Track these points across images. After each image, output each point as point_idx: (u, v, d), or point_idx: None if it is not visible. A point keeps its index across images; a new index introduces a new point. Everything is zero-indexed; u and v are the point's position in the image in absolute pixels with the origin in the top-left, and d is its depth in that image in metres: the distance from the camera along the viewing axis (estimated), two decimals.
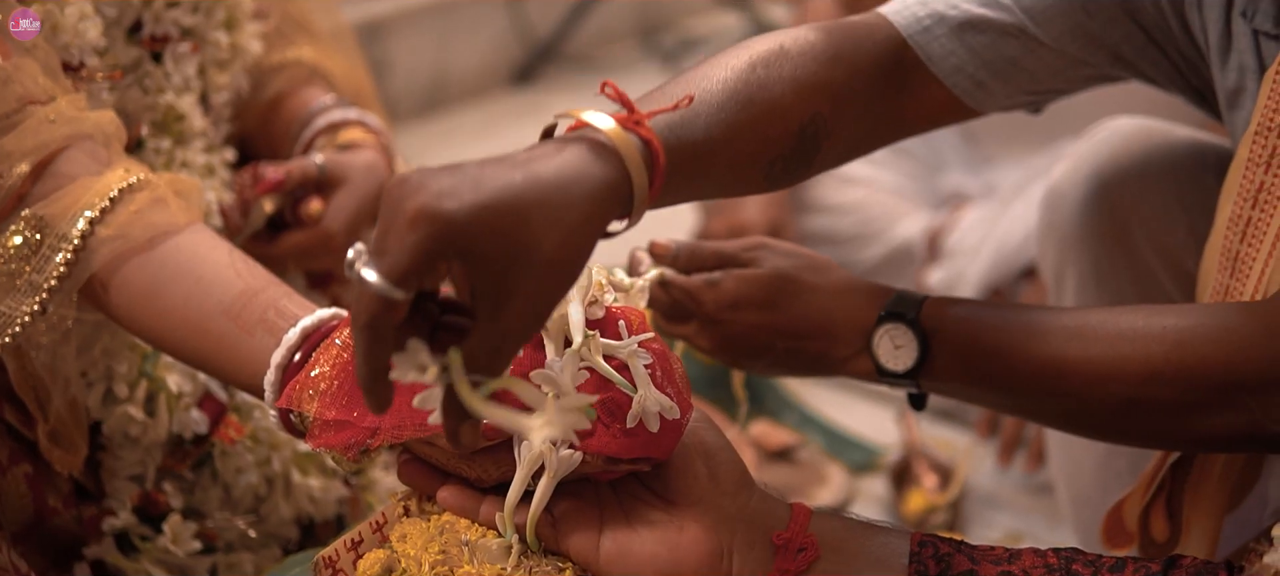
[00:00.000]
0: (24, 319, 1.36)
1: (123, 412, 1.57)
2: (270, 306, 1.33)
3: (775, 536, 1.17)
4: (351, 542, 1.24)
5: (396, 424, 1.21)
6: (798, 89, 1.34)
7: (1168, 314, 1.31)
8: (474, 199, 1.02)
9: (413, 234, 1.01)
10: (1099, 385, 1.32)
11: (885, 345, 1.44)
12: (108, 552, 1.59)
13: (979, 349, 1.40)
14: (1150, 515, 1.45)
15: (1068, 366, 1.33)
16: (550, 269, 1.06)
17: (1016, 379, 1.37)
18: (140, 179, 1.40)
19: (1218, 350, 1.27)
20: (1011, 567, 1.14)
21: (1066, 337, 1.34)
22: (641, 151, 1.14)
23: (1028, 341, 1.36)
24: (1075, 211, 1.67)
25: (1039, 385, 1.35)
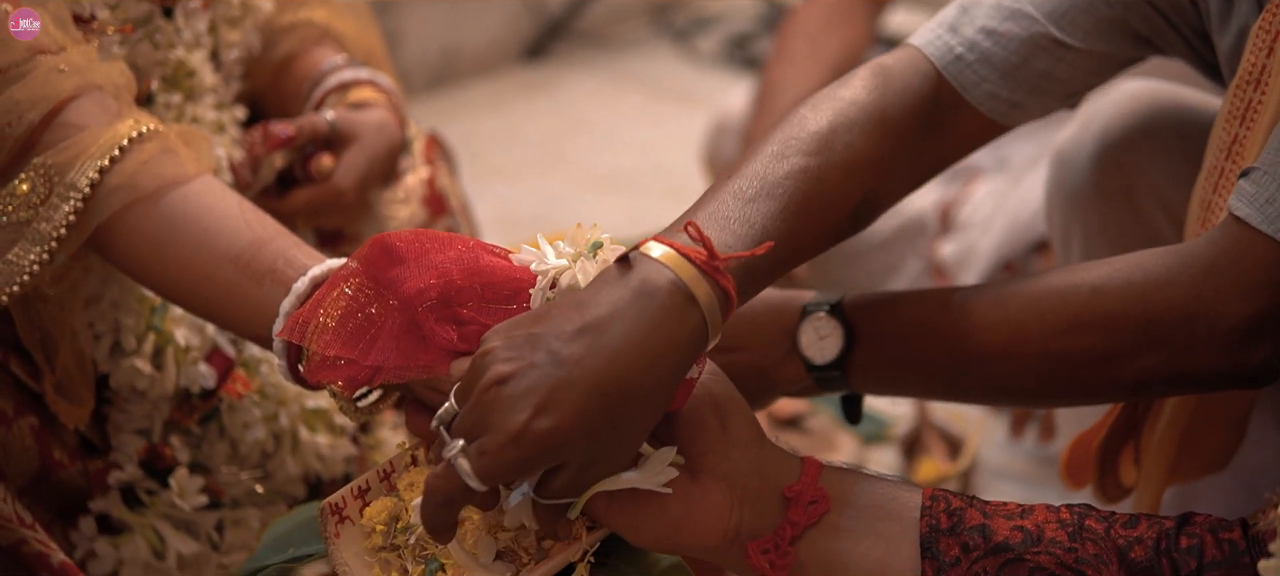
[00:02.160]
0: (32, 268, 1.36)
1: (130, 366, 1.56)
2: (279, 256, 1.33)
3: (786, 489, 1.16)
4: (358, 490, 1.23)
5: (400, 364, 1.20)
6: (850, 173, 1.33)
7: (1089, 268, 1.32)
8: (575, 409, 1.06)
9: (515, 451, 1.05)
10: (1021, 343, 1.31)
11: (809, 336, 1.42)
12: (113, 506, 1.59)
13: (902, 328, 1.39)
14: (1120, 459, 1.45)
15: (989, 328, 1.33)
16: (639, 431, 1.13)
17: (941, 351, 1.36)
18: (150, 129, 1.40)
19: (1132, 292, 1.27)
20: (1024, 522, 1.13)
21: (988, 303, 1.34)
22: (722, 302, 1.14)
23: (948, 312, 1.36)
24: (1083, 172, 1.67)
25: (963, 353, 1.35)
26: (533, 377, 1.06)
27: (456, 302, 1.19)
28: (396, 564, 1.20)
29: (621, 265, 1.13)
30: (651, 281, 1.11)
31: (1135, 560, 1.10)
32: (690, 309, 1.12)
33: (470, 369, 1.09)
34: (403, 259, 1.22)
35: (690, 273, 1.12)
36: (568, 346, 1.07)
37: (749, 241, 1.21)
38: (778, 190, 1.26)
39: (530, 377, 1.06)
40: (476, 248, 1.23)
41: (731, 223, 1.22)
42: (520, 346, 1.08)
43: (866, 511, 1.16)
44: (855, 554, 1.15)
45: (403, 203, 1.85)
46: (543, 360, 1.07)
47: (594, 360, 1.07)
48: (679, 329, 1.11)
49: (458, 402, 1.10)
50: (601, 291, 1.11)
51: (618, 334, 1.09)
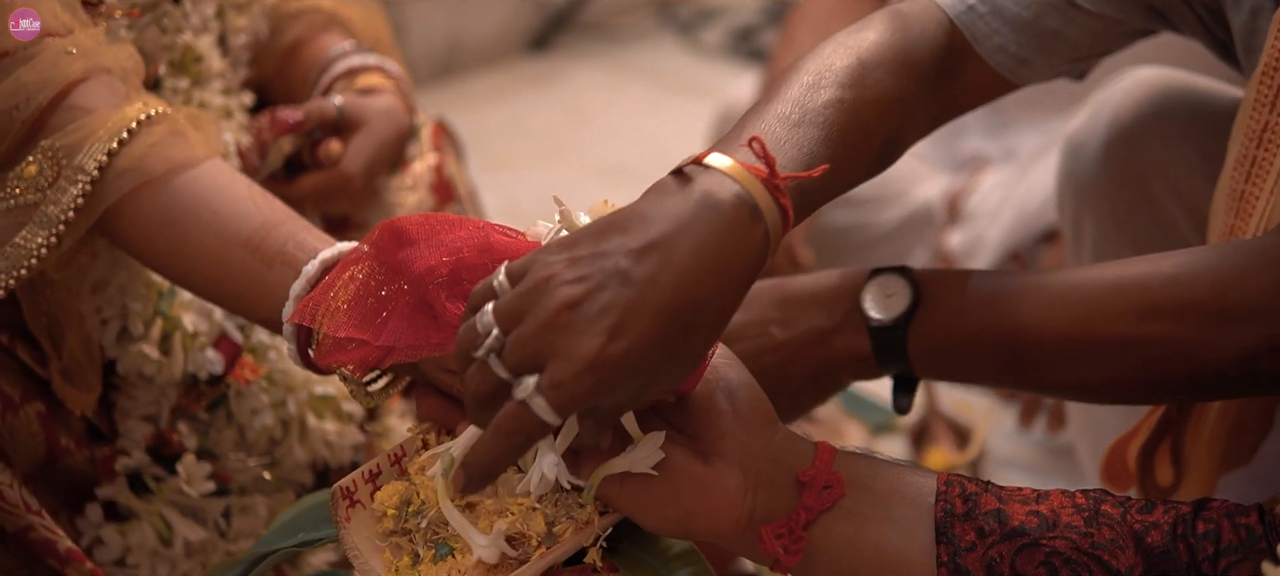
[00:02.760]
0: (39, 252, 1.35)
1: (137, 351, 1.55)
2: (289, 239, 1.32)
3: (800, 473, 1.15)
4: (370, 474, 1.23)
5: (413, 343, 1.19)
6: (878, 110, 1.33)
7: (1164, 258, 1.30)
8: (649, 331, 1.04)
9: (593, 378, 1.02)
10: (1097, 322, 1.29)
11: (875, 293, 1.40)
12: (120, 493, 1.58)
13: (970, 298, 1.36)
14: (1155, 459, 1.44)
15: (1062, 306, 1.31)
16: (706, 345, 1.11)
17: (1009, 328, 1.34)
18: (158, 112, 1.39)
19: (1210, 283, 1.25)
20: (1040, 507, 1.12)
21: (1061, 283, 1.33)
22: (782, 221, 1.13)
23: (1019, 289, 1.34)
24: (1094, 160, 1.66)
25: (1032, 333, 1.32)
26: (604, 299, 1.03)
27: (468, 280, 1.18)
28: (408, 548, 1.19)
29: (679, 177, 1.11)
30: (715, 194, 1.09)
31: (1151, 545, 1.09)
32: (756, 223, 1.10)
33: (526, 291, 1.06)
34: (413, 240, 1.22)
35: (755, 187, 1.10)
36: (637, 266, 1.04)
37: (800, 165, 1.20)
38: (819, 118, 1.26)
39: (601, 300, 1.03)
40: (486, 227, 1.22)
41: (783, 145, 1.20)
42: (586, 266, 1.05)
43: (881, 496, 1.15)
44: (870, 538, 1.14)
45: (410, 189, 1.84)
46: (612, 281, 1.04)
47: (665, 278, 1.04)
48: (746, 244, 1.09)
49: (506, 325, 1.06)
50: (663, 204, 1.09)
51: (686, 250, 1.06)
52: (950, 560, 1.11)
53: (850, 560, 1.15)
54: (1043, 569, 1.10)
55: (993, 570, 1.11)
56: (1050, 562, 1.10)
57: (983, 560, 1.11)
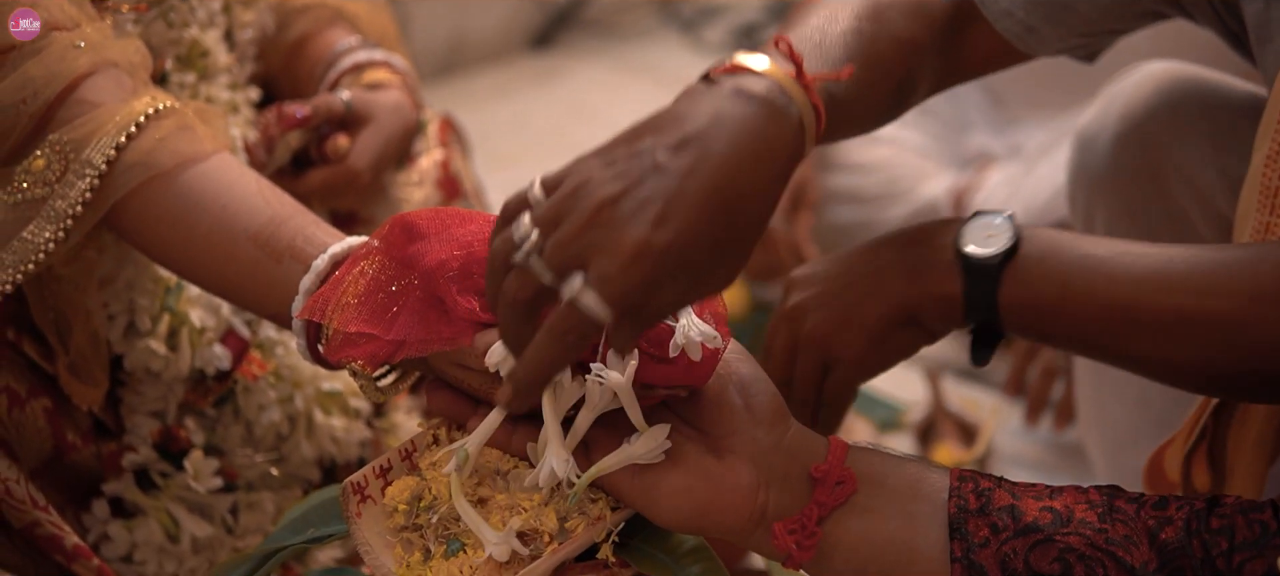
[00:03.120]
0: (47, 247, 1.34)
1: (144, 347, 1.55)
2: (298, 234, 1.32)
3: (813, 469, 1.15)
4: (380, 469, 1.22)
5: (423, 337, 1.19)
6: (895, 46, 1.36)
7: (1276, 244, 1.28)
8: (693, 219, 1.03)
9: (639, 269, 1.01)
10: (1203, 301, 1.26)
11: (976, 231, 1.34)
12: (127, 489, 1.58)
13: (1072, 252, 1.32)
14: (1191, 463, 1.43)
15: (1169, 276, 1.27)
16: (750, 243, 1.09)
17: (1114, 288, 1.29)
18: (166, 106, 1.39)
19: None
20: (1053, 503, 1.12)
21: (1168, 254, 1.29)
22: (813, 115, 1.13)
23: (1127, 251, 1.31)
24: (1106, 151, 1.65)
25: (1140, 289, 1.28)
26: (644, 192, 1.02)
27: (479, 274, 1.17)
28: (419, 543, 1.18)
29: (707, 81, 1.11)
30: (748, 88, 1.09)
31: (1166, 541, 1.09)
32: (789, 112, 1.09)
33: (564, 195, 1.05)
34: (423, 234, 1.21)
35: (787, 81, 1.10)
36: (674, 159, 1.04)
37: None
38: (840, 43, 1.28)
39: (642, 193, 1.02)
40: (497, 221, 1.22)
41: (808, 57, 1.20)
42: (623, 165, 1.04)
43: (894, 492, 1.15)
44: (883, 534, 1.14)
45: (417, 185, 1.84)
46: (651, 175, 1.03)
47: (704, 169, 1.04)
48: (781, 133, 1.09)
49: (546, 229, 1.05)
50: (695, 103, 1.08)
51: (723, 141, 1.05)
52: (964, 556, 1.11)
53: (863, 556, 1.14)
54: (1057, 565, 1.10)
55: (1006, 566, 1.10)
56: (1064, 559, 1.10)
57: (996, 556, 1.10)
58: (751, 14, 4.69)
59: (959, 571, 1.11)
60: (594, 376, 1.13)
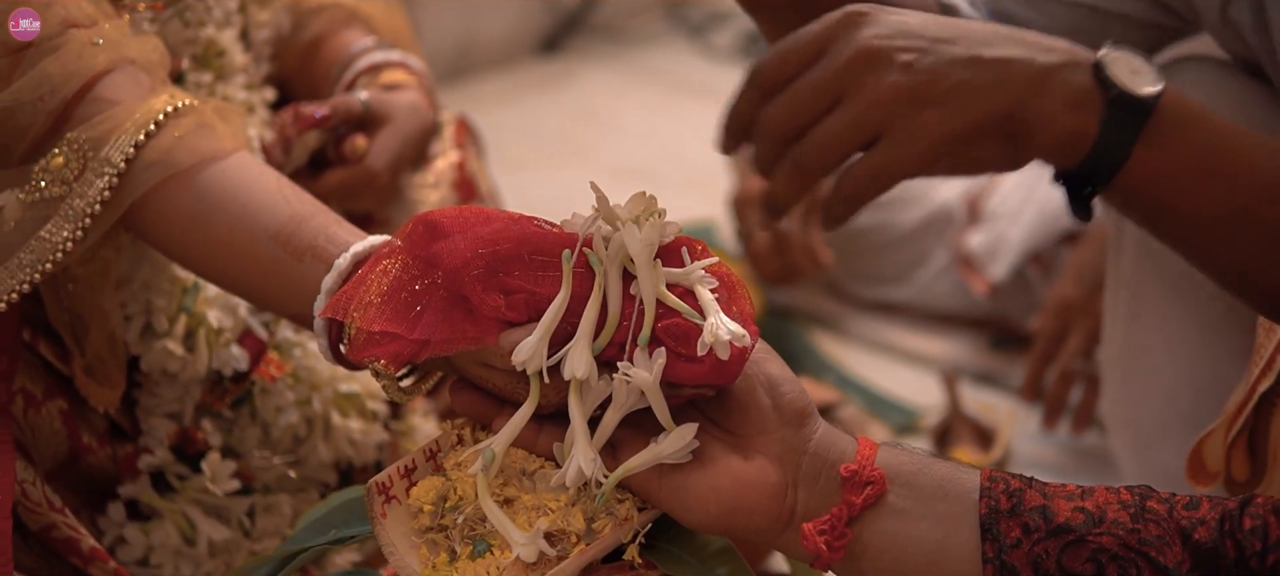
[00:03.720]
0: (65, 246, 1.34)
1: (161, 348, 1.54)
2: (320, 232, 1.31)
3: (842, 468, 1.14)
4: (405, 469, 1.21)
5: (448, 337, 1.17)
6: None
7: None
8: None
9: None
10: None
11: (1121, 65, 1.17)
12: (143, 492, 1.57)
13: (1219, 122, 1.21)
14: (1231, 453, 1.41)
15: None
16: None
17: (1263, 166, 1.19)
18: (185, 104, 1.38)
19: None
20: (1085, 503, 1.11)
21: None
22: None
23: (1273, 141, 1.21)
24: None
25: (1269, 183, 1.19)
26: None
27: (504, 271, 1.16)
28: (444, 544, 1.17)
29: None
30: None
31: (1199, 541, 1.08)
32: None
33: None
34: (447, 233, 1.20)
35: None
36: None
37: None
38: None
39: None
40: (521, 219, 1.21)
41: None
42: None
43: (924, 492, 1.14)
44: (913, 535, 1.13)
45: (433, 187, 1.83)
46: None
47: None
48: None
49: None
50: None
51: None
52: (996, 557, 1.10)
53: (893, 557, 1.13)
54: (1089, 565, 1.09)
55: (1039, 567, 1.09)
56: (1097, 559, 1.08)
57: (1028, 557, 1.09)
58: None
59: (991, 572, 1.10)
60: (621, 375, 1.12)
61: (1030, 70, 1.16)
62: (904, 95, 1.14)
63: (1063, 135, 1.17)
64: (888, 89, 1.14)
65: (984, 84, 1.15)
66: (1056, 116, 1.16)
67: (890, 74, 1.14)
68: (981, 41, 1.17)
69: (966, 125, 1.15)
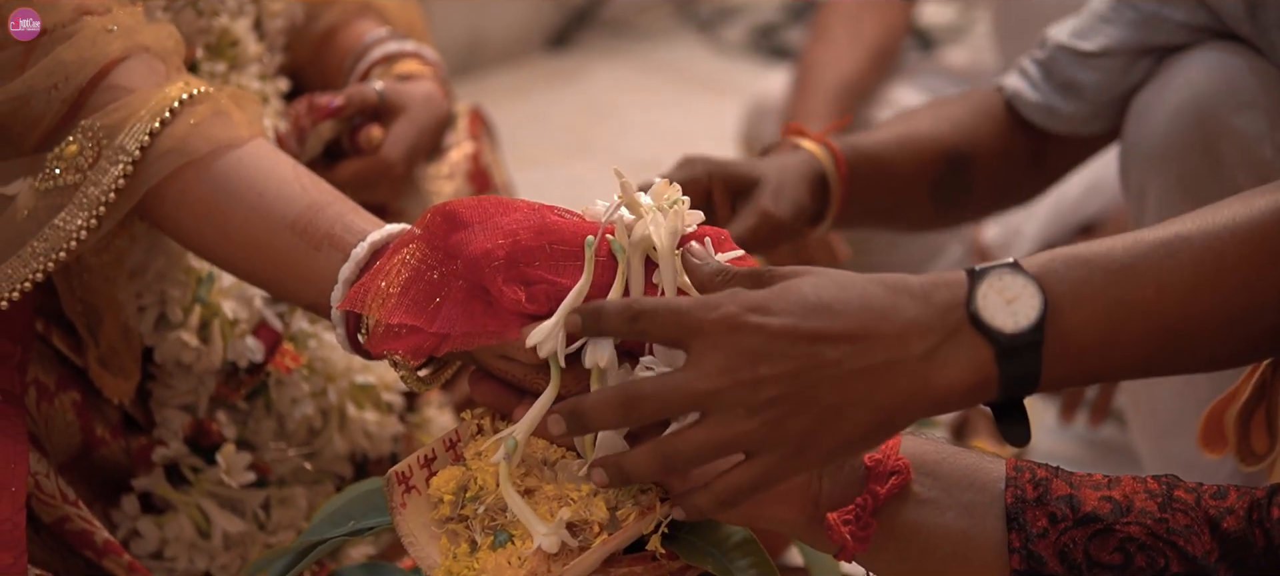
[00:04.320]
0: (79, 234, 1.32)
1: (176, 339, 1.53)
2: (337, 221, 1.29)
3: (867, 458, 1.12)
4: (425, 459, 1.20)
5: (469, 330, 1.16)
6: (936, 122, 1.66)
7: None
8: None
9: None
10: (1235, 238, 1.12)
11: (993, 302, 1.07)
12: (157, 484, 1.56)
13: (1111, 266, 1.10)
14: (1251, 425, 1.39)
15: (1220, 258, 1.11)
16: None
17: (1162, 299, 1.10)
18: (201, 91, 1.36)
19: None
20: (1112, 492, 1.10)
21: (1205, 232, 1.13)
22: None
23: (1165, 237, 1.12)
24: (1162, 125, 1.64)
25: (1197, 274, 1.10)
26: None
27: (524, 263, 1.15)
28: (465, 535, 1.16)
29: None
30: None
31: (1227, 530, 1.07)
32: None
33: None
34: (466, 223, 1.19)
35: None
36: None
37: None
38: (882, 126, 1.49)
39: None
40: (542, 209, 1.20)
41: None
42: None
43: (950, 482, 1.13)
44: (939, 524, 1.12)
45: (448, 178, 1.82)
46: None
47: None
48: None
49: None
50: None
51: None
52: (1022, 546, 1.09)
53: (919, 546, 1.12)
54: (1117, 554, 1.08)
55: (1066, 557, 1.08)
56: (1125, 548, 1.07)
57: (1055, 546, 1.08)
58: (769, 14, 4.67)
59: (1018, 562, 1.09)
60: (644, 366, 1.11)
61: (904, 375, 1.07)
62: (773, 431, 1.06)
63: (966, 396, 1.09)
64: (753, 427, 1.06)
65: (856, 401, 1.07)
66: (950, 394, 1.08)
67: (756, 413, 1.05)
68: (854, 344, 1.06)
69: (843, 444, 1.08)
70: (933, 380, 1.07)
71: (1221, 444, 1.41)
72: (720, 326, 1.06)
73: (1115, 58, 1.67)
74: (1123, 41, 1.67)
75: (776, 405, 1.05)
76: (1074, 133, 1.71)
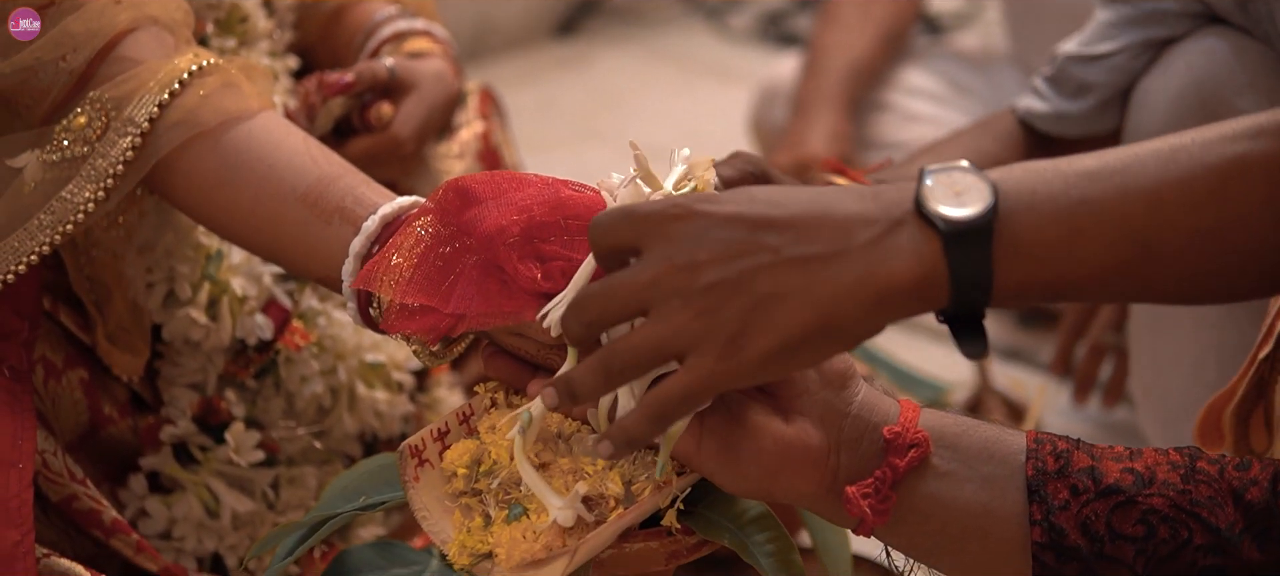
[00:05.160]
0: (87, 206, 1.31)
1: (185, 316, 1.52)
2: (348, 194, 1.28)
3: (886, 430, 1.11)
4: (438, 432, 1.18)
5: (484, 310, 1.15)
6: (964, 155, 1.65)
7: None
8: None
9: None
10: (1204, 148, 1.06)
11: (940, 192, 1.02)
12: (165, 463, 1.55)
13: (1071, 172, 1.05)
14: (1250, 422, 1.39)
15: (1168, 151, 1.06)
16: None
17: (1115, 190, 1.04)
18: (210, 63, 1.35)
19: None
20: (1134, 464, 1.08)
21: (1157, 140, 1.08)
22: None
23: (1131, 148, 1.08)
24: (1165, 109, 1.64)
25: (1163, 178, 1.04)
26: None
27: (539, 239, 1.13)
28: (479, 509, 1.15)
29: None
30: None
31: (1251, 502, 1.05)
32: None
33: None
34: (479, 199, 1.17)
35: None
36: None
37: None
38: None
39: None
40: (556, 183, 1.18)
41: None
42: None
43: (970, 454, 1.11)
44: (959, 497, 1.10)
45: (457, 157, 1.81)
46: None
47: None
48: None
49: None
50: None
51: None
52: (1044, 519, 1.07)
53: (939, 520, 1.11)
54: (1140, 526, 1.06)
55: (1088, 529, 1.06)
56: (1147, 520, 1.06)
57: (1077, 519, 1.07)
58: (777, 1, 4.66)
59: (1039, 534, 1.07)
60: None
61: (846, 265, 1.02)
62: (707, 322, 1.02)
63: (913, 293, 1.03)
64: (688, 319, 1.02)
65: (793, 292, 1.02)
66: (895, 288, 1.02)
67: (691, 302, 1.02)
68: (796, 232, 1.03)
69: (779, 345, 1.03)
70: (876, 271, 1.01)
71: (1219, 441, 1.40)
72: (666, 216, 1.03)
73: (1121, 55, 1.70)
74: (1128, 41, 1.69)
75: (711, 293, 1.01)
76: (1086, 133, 1.72)
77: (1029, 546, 1.08)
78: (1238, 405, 1.36)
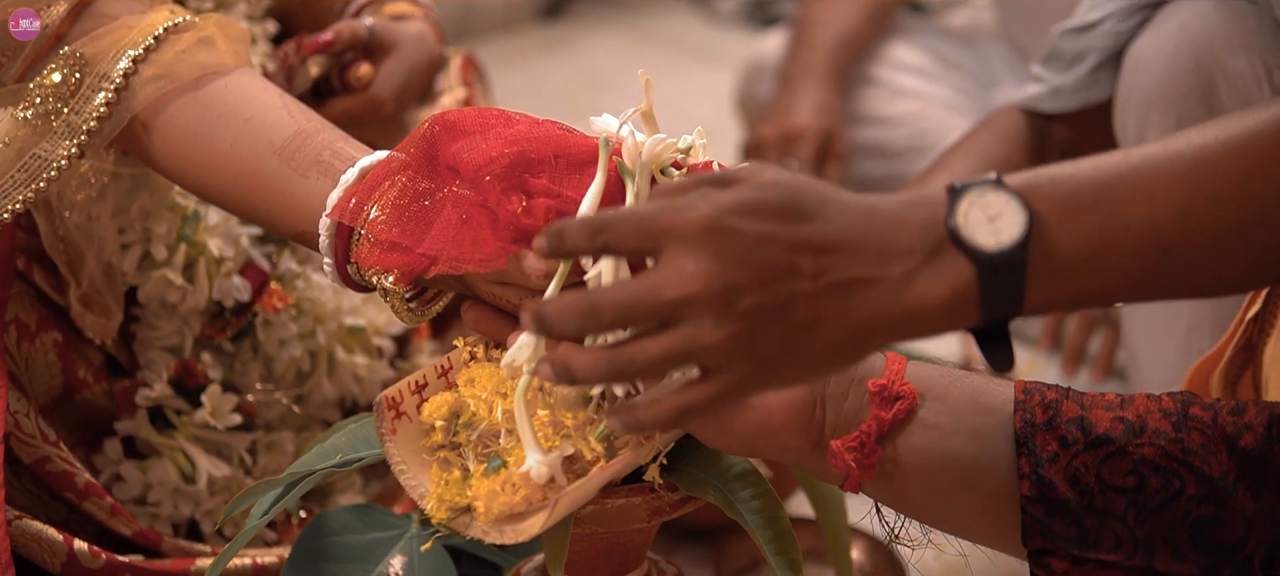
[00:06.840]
0: (60, 163, 1.29)
1: (160, 277, 1.50)
2: (326, 148, 1.26)
3: (871, 383, 1.09)
4: (416, 385, 1.17)
5: (456, 255, 1.13)
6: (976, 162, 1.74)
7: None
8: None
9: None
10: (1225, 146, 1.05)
11: (975, 218, 1.01)
12: (140, 427, 1.53)
13: (1099, 180, 1.04)
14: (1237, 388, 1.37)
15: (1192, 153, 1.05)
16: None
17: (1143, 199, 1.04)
18: (185, 20, 1.34)
19: None
20: (1125, 413, 1.06)
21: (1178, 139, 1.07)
22: None
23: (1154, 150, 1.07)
24: (1160, 70, 1.63)
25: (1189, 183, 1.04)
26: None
27: (528, 173, 1.12)
28: (457, 462, 1.13)
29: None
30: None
31: (1245, 448, 1.03)
32: None
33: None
34: (468, 132, 1.16)
35: None
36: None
37: None
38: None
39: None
40: (547, 123, 1.17)
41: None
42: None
43: (957, 406, 1.09)
44: (946, 450, 1.08)
45: None
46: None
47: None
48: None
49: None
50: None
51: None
52: (1032, 471, 1.05)
53: (926, 473, 1.09)
54: (1131, 478, 1.04)
55: (1077, 481, 1.05)
56: (1139, 471, 1.04)
57: (1066, 471, 1.05)
58: None
59: (1027, 487, 1.06)
60: None
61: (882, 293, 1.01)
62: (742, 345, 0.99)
63: (945, 316, 1.02)
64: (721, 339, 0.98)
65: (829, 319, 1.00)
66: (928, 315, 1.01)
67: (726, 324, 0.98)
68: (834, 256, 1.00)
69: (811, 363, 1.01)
70: (909, 300, 1.00)
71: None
72: (695, 229, 0.98)
73: (1109, 19, 1.70)
74: (1115, 6, 1.70)
75: (749, 318, 0.97)
76: (1084, 103, 1.74)
77: (1018, 499, 1.06)
78: (1226, 367, 1.35)
